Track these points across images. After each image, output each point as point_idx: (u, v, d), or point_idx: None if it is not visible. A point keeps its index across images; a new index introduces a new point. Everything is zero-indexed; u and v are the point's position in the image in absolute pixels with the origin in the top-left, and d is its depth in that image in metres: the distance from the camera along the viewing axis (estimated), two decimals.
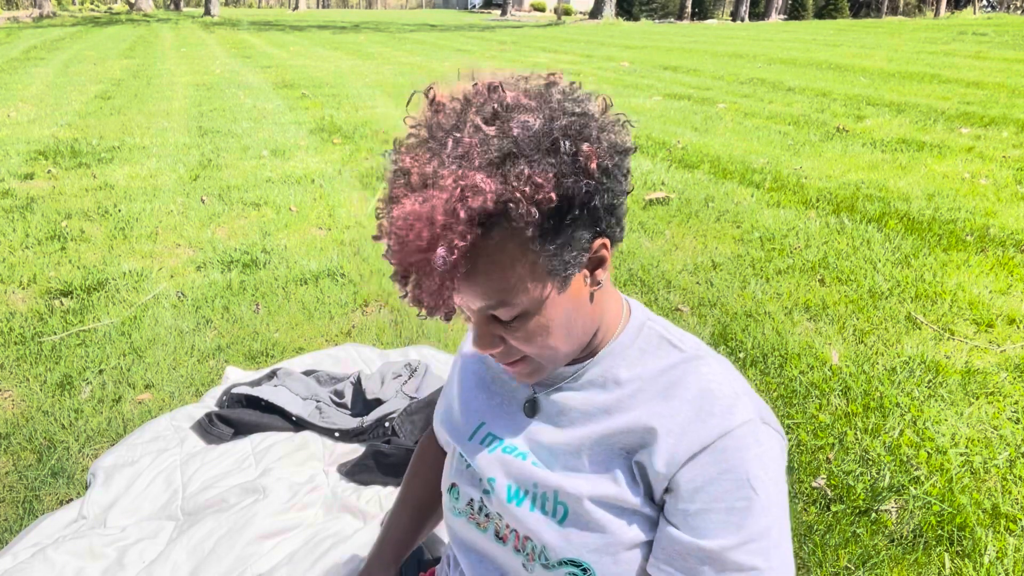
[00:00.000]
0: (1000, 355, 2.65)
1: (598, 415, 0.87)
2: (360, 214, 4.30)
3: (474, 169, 0.69)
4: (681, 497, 0.81)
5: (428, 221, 0.68)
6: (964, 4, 39.31)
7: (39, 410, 2.32)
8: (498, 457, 0.92)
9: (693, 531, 0.80)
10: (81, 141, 6.14)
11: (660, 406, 0.84)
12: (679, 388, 0.84)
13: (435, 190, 0.69)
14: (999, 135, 6.29)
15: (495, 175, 0.69)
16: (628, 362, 0.88)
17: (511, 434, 0.94)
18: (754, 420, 0.81)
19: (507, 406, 0.97)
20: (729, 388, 0.83)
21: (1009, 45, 13.82)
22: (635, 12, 39.10)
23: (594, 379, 0.89)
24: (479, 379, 1.02)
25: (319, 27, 24.16)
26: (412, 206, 0.69)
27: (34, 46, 15.12)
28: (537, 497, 0.88)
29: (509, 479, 0.90)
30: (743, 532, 0.78)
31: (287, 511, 1.80)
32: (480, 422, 0.97)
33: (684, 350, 0.88)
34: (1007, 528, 1.81)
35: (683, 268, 3.46)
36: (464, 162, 0.69)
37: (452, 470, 1.01)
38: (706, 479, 0.80)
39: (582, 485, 0.85)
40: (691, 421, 0.81)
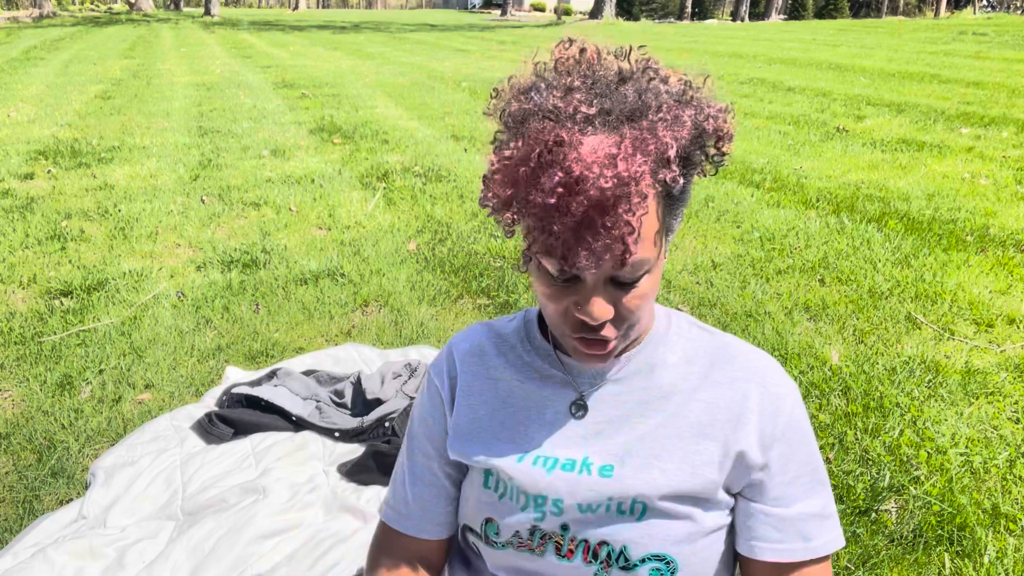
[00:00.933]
0: (1000, 355, 2.65)
1: (656, 402, 0.87)
2: (360, 214, 4.30)
3: (676, 107, 0.71)
4: (775, 471, 0.85)
5: (640, 147, 0.67)
6: (964, 4, 39.31)
7: (39, 410, 2.32)
8: (559, 477, 0.85)
9: (792, 499, 0.86)
10: (81, 141, 6.14)
11: (720, 385, 0.87)
12: (732, 367, 0.88)
13: (635, 124, 0.68)
14: (999, 135, 6.29)
15: (687, 107, 0.71)
16: (669, 346, 0.89)
17: (565, 447, 0.87)
18: (795, 386, 0.90)
19: (543, 420, 0.89)
20: (768, 359, 0.90)
21: (1009, 45, 13.82)
22: (635, 12, 39.10)
23: (640, 367, 0.88)
24: (491, 399, 0.92)
25: (319, 27, 24.16)
26: (611, 138, 0.67)
27: (34, 46, 15.12)
28: (613, 504, 0.84)
29: (578, 498, 0.84)
30: (827, 487, 0.89)
31: (287, 511, 1.80)
32: (523, 450, 0.88)
33: (713, 332, 0.92)
34: (1007, 528, 1.81)
35: (683, 268, 3.46)
36: (659, 97, 0.70)
37: (479, 503, 0.91)
38: (792, 448, 0.86)
39: (660, 482, 0.83)
40: (763, 397, 0.86)
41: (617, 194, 0.65)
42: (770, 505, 0.86)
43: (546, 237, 0.69)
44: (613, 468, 0.84)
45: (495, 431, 0.90)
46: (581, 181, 0.65)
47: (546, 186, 0.66)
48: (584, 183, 0.65)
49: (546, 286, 0.76)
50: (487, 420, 0.91)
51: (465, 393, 0.93)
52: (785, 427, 0.86)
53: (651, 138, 0.67)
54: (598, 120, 0.68)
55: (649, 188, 0.69)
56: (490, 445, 0.89)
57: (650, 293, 0.78)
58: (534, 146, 0.67)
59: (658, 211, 0.73)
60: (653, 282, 0.77)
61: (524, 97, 0.73)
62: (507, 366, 0.93)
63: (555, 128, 0.67)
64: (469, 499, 0.93)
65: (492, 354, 0.94)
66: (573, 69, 0.73)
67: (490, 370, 0.93)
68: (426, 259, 3.59)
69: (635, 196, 0.66)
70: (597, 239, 0.67)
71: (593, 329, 0.77)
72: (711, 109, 0.73)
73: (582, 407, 0.88)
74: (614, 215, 0.66)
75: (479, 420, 0.92)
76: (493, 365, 0.93)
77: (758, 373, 0.87)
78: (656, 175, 0.69)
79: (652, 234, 0.73)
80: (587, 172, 0.64)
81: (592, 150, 0.66)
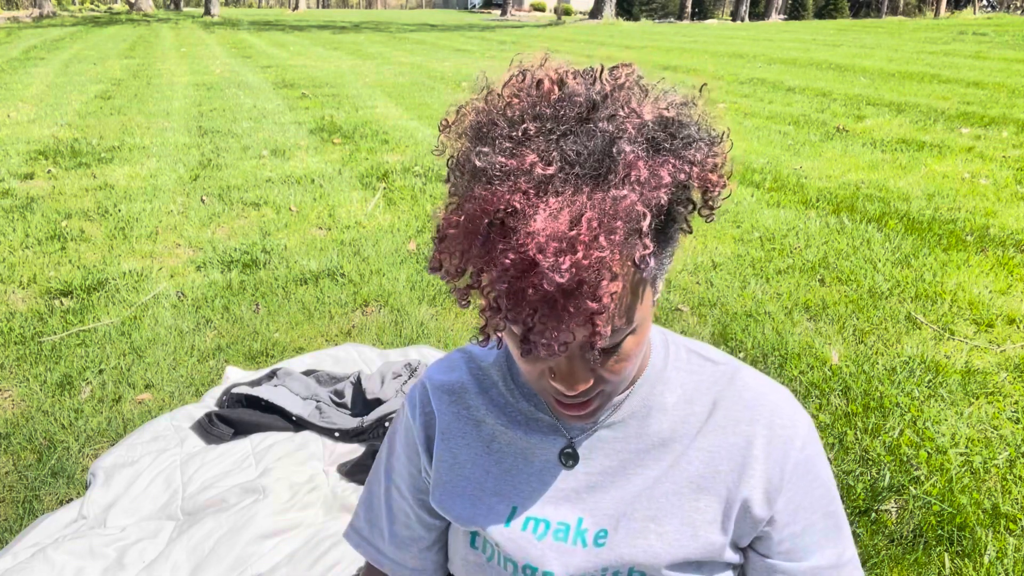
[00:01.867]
0: (1000, 355, 2.65)
1: (654, 451, 0.79)
2: (360, 214, 4.30)
3: (647, 155, 0.57)
4: (782, 524, 0.78)
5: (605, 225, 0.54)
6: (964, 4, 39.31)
7: (39, 410, 2.32)
8: (551, 546, 0.78)
9: (804, 552, 0.79)
10: (81, 141, 6.14)
11: (722, 429, 0.78)
12: (737, 407, 0.79)
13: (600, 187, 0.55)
14: (999, 135, 6.29)
15: (665, 163, 0.58)
16: (667, 384, 0.80)
17: (556, 505, 0.79)
18: (809, 419, 0.82)
19: (531, 469, 0.81)
20: (779, 394, 0.81)
21: (1009, 45, 13.82)
22: (635, 12, 39.11)
23: (636, 410, 0.79)
24: (473, 442, 0.84)
25: (319, 27, 24.16)
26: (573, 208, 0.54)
27: (34, 46, 15.12)
28: (608, 574, 0.77)
29: (571, 569, 0.77)
30: (843, 529, 0.81)
31: (287, 511, 1.80)
32: (511, 506, 0.80)
33: (716, 361, 0.82)
34: (1007, 528, 1.81)
35: (683, 268, 3.46)
36: (632, 146, 0.57)
37: (466, 561, 0.85)
38: (801, 495, 0.78)
39: (658, 551, 0.75)
40: (769, 441, 0.77)
41: (578, 281, 0.55)
42: (781, 559, 0.79)
43: (501, 322, 0.59)
44: (607, 534, 0.77)
45: (480, 482, 0.82)
46: (535, 265, 0.54)
47: (498, 265, 0.56)
48: (538, 270, 0.54)
49: (518, 352, 0.66)
50: (470, 469, 0.83)
51: (445, 437, 0.84)
52: (793, 473, 0.77)
53: (619, 210, 0.55)
54: (558, 179, 0.56)
55: (618, 265, 0.58)
56: (475, 501, 0.82)
57: (635, 353, 0.68)
58: (482, 216, 0.57)
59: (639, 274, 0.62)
60: (638, 340, 0.68)
61: (472, 141, 0.60)
62: (490, 406, 0.84)
63: (505, 195, 0.55)
64: (455, 557, 0.87)
65: (473, 392, 0.85)
66: (527, 112, 0.59)
67: (471, 410, 0.84)
68: (426, 259, 3.58)
69: (602, 279, 0.55)
70: (560, 325, 0.57)
71: (570, 399, 0.69)
72: (697, 154, 0.60)
73: (572, 456, 0.80)
74: (578, 299, 0.56)
75: (461, 468, 0.83)
76: (474, 405, 0.84)
77: (765, 412, 0.79)
78: (625, 251, 0.57)
79: (628, 302, 0.62)
80: (541, 257, 0.53)
81: (547, 227, 0.54)
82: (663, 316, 2.97)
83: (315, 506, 1.85)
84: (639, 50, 15.74)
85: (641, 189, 0.56)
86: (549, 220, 0.54)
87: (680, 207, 0.63)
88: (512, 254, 0.55)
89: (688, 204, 0.63)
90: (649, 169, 0.57)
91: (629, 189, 0.55)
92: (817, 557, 0.79)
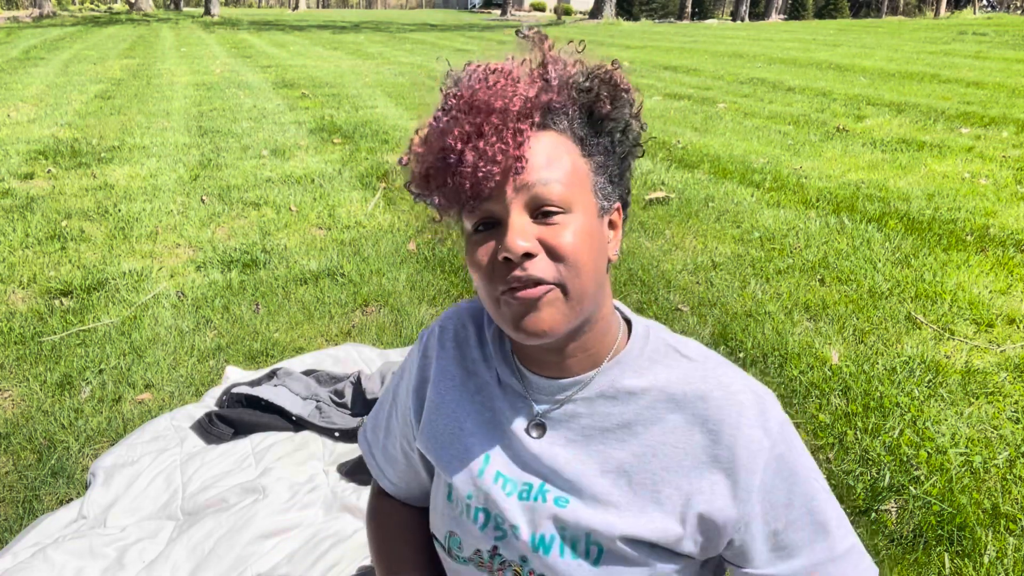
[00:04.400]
0: (1000, 355, 2.65)
1: (618, 432, 0.81)
2: (360, 214, 4.30)
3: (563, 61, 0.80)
4: (758, 526, 0.78)
5: (513, 74, 0.76)
6: (964, 4, 39.30)
7: (39, 410, 2.32)
8: (516, 503, 0.83)
9: (790, 552, 0.78)
10: (81, 141, 6.14)
11: (689, 426, 0.79)
12: (706, 404, 0.80)
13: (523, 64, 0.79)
14: (999, 135, 6.29)
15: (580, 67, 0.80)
16: (638, 372, 0.83)
17: (523, 469, 0.84)
18: (785, 419, 0.81)
19: (505, 427, 0.86)
20: (751, 392, 0.81)
21: (1009, 45, 13.82)
22: (635, 12, 39.09)
23: (604, 390, 0.82)
24: (462, 388, 0.90)
25: (319, 27, 24.16)
26: (499, 69, 0.77)
27: (34, 46, 15.12)
28: (567, 540, 0.80)
29: (533, 527, 0.81)
30: (830, 524, 0.79)
31: (287, 511, 1.80)
32: (486, 455, 0.86)
33: (693, 358, 0.84)
34: (1007, 528, 1.81)
35: (683, 268, 3.46)
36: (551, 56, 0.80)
37: (444, 515, 0.89)
38: (777, 495, 0.78)
39: (616, 523, 0.78)
40: (735, 440, 0.78)
41: (501, 89, 0.74)
42: (765, 567, 0.79)
43: (443, 157, 0.74)
44: (569, 501, 0.81)
45: (460, 423, 0.89)
46: (472, 86, 0.76)
47: (445, 109, 0.77)
48: (479, 86, 0.75)
49: (473, 248, 0.77)
50: (453, 408, 0.90)
51: (437, 380, 0.92)
52: (763, 474, 0.77)
53: (536, 72, 0.78)
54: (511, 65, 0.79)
55: (547, 98, 0.76)
56: (453, 440, 0.89)
57: (575, 236, 0.75)
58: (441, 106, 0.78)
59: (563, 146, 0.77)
60: (580, 227, 0.75)
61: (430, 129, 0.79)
62: (483, 361, 0.91)
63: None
64: (435, 514, 0.92)
65: (473, 344, 0.92)
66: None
67: (467, 361, 0.92)
68: (426, 259, 3.59)
69: (515, 94, 0.74)
70: (490, 143, 0.72)
71: (518, 270, 0.73)
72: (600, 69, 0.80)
73: (540, 427, 0.84)
74: (501, 116, 0.73)
75: (445, 407, 0.90)
76: (473, 357, 0.91)
77: (733, 413, 0.79)
78: (540, 96, 0.76)
79: (555, 158, 0.75)
80: (478, 80, 0.76)
81: (492, 68, 0.77)
82: (663, 316, 2.97)
83: (315, 506, 1.85)
84: (639, 50, 15.74)
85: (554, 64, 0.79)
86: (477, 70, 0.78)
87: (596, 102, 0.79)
88: (451, 98, 0.77)
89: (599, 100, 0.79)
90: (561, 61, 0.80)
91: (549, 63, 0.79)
92: (805, 556, 0.79)
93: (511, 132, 0.73)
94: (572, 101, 0.78)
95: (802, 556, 0.79)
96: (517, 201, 0.74)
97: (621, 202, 0.84)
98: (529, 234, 0.74)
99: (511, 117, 0.73)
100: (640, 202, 4.48)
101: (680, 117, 7.51)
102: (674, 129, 6.86)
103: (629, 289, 3.24)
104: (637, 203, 4.46)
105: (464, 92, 0.75)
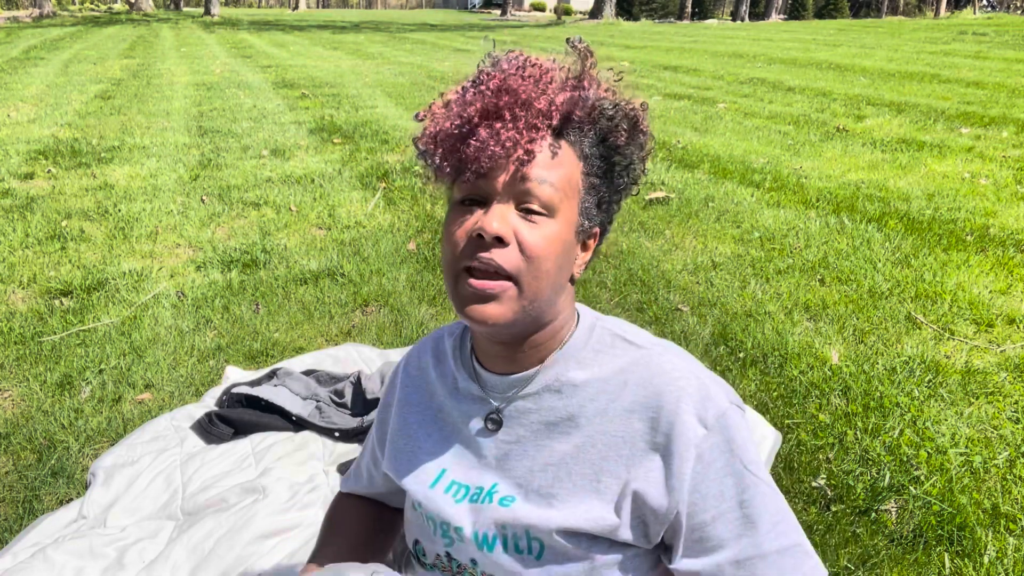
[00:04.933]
0: (1000, 355, 2.65)
1: (562, 425, 0.83)
2: (360, 214, 4.30)
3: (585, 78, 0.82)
4: (689, 514, 0.78)
5: (549, 74, 0.79)
6: (964, 4, 39.29)
7: (39, 410, 2.32)
8: (465, 507, 0.86)
9: (716, 545, 0.78)
10: (81, 141, 6.14)
11: (629, 413, 0.81)
12: (645, 389, 0.81)
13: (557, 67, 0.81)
14: (999, 135, 6.29)
15: (611, 95, 0.83)
16: (582, 364, 0.85)
17: (477, 474, 0.88)
18: (727, 410, 0.80)
19: (462, 436, 0.90)
20: (695, 379, 0.81)
21: (1009, 45, 13.82)
22: (635, 12, 39.09)
23: (549, 383, 0.85)
24: (424, 411, 0.95)
25: (319, 27, 24.16)
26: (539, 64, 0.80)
27: (34, 46, 15.12)
28: (508, 538, 0.83)
29: (477, 526, 0.85)
30: (760, 520, 0.78)
31: (287, 511, 1.80)
32: (441, 469, 0.90)
33: (640, 345, 0.85)
34: (1007, 528, 1.81)
35: (683, 268, 3.46)
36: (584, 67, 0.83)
37: (412, 524, 0.95)
38: (710, 485, 0.78)
39: (553, 517, 0.80)
40: (672, 427, 0.78)
41: (533, 82, 0.77)
42: (689, 556, 0.79)
43: (460, 125, 0.78)
44: (515, 500, 0.83)
45: (420, 443, 0.93)
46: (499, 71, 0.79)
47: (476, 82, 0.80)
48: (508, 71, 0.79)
49: (454, 218, 0.79)
50: (415, 430, 0.95)
51: (401, 405, 0.98)
52: (698, 461, 0.78)
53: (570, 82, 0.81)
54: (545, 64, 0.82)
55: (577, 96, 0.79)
56: (411, 459, 0.93)
57: (548, 240, 0.77)
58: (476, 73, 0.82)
59: (569, 159, 0.79)
60: (556, 233, 0.78)
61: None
62: (440, 380, 0.94)
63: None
64: (407, 519, 0.97)
65: (432, 368, 0.96)
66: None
67: (429, 384, 0.96)
68: (426, 259, 3.59)
69: (528, 97, 0.76)
70: (506, 127, 0.75)
71: (486, 251, 0.76)
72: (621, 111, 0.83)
73: (496, 422, 0.87)
74: (524, 107, 0.76)
75: (408, 429, 0.95)
76: (431, 380, 0.96)
77: (671, 399, 0.79)
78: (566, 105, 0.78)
79: (557, 164, 0.78)
80: (512, 66, 0.79)
81: (527, 59, 0.81)
82: (662, 316, 2.97)
83: (315, 506, 1.85)
84: (639, 50, 15.73)
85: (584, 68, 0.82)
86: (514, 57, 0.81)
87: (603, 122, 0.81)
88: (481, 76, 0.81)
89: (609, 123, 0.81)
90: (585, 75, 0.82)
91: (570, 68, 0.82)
92: (729, 550, 0.78)
93: (528, 125, 0.76)
94: (592, 122, 0.81)
95: (726, 550, 0.78)
96: (509, 188, 0.77)
97: (601, 228, 0.87)
98: (508, 222, 0.76)
99: (533, 112, 0.76)
100: (640, 202, 4.48)
101: (680, 117, 7.51)
102: (674, 129, 6.86)
103: (629, 289, 3.24)
104: (637, 203, 4.46)
105: (498, 73, 0.78)
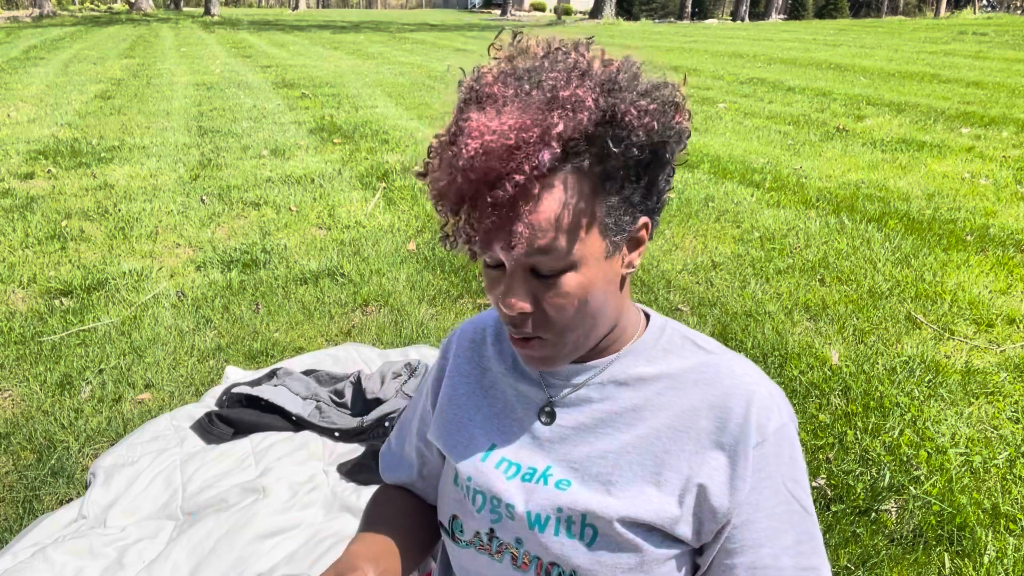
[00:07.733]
0: (1000, 355, 2.65)
1: (627, 416, 0.82)
2: (360, 214, 4.30)
3: (581, 88, 0.67)
4: (742, 518, 0.78)
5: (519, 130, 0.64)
6: (964, 4, 39.29)
7: (39, 410, 2.32)
8: (517, 485, 0.84)
9: (739, 545, 0.79)
10: (81, 141, 6.13)
11: (696, 411, 0.80)
12: (713, 389, 0.81)
13: (529, 103, 0.66)
14: (999, 135, 6.29)
15: (601, 94, 0.67)
16: (651, 360, 0.84)
17: (528, 454, 0.86)
18: (784, 424, 0.80)
19: (515, 415, 0.88)
20: (765, 388, 0.81)
21: (1009, 45, 13.82)
22: (635, 12, 39.09)
23: (616, 376, 0.84)
24: (474, 384, 0.93)
25: (319, 27, 24.15)
26: (502, 118, 0.65)
27: (34, 46, 15.11)
28: (562, 521, 0.81)
29: (531, 506, 0.82)
30: (789, 535, 0.79)
31: (287, 511, 1.80)
32: (491, 443, 0.88)
33: (710, 351, 0.85)
34: (1007, 528, 1.81)
35: (683, 268, 3.46)
36: (569, 78, 0.67)
37: (449, 499, 0.92)
38: (756, 491, 0.78)
39: (612, 505, 0.79)
40: (741, 429, 0.78)
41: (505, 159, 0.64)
42: (738, 557, 0.79)
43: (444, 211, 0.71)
44: (571, 484, 0.82)
45: (470, 416, 0.91)
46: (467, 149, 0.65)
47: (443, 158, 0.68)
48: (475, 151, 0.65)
49: (486, 277, 0.76)
50: (464, 402, 0.92)
51: (451, 376, 0.95)
52: (756, 467, 0.78)
53: (537, 116, 0.65)
54: (505, 98, 0.67)
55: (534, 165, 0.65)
56: (461, 430, 0.91)
57: (577, 294, 0.72)
58: (452, 125, 0.69)
59: (573, 199, 0.68)
60: (582, 283, 0.72)
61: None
62: (498, 356, 0.92)
63: (467, 111, 0.68)
64: (443, 495, 0.94)
65: (490, 341, 0.94)
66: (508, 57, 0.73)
67: (483, 359, 0.94)
68: (426, 259, 3.59)
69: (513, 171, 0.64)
70: (484, 216, 0.67)
71: (515, 324, 0.75)
72: (637, 98, 0.68)
73: (550, 414, 0.86)
74: (500, 187, 0.65)
75: (457, 401, 0.93)
76: (487, 355, 0.93)
77: (742, 402, 0.79)
78: (539, 153, 0.65)
79: (557, 220, 0.68)
80: (462, 139, 0.66)
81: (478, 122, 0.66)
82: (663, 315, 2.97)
83: (315, 506, 1.85)
84: (639, 50, 15.72)
85: (562, 104, 0.66)
86: (482, 118, 0.66)
87: (610, 142, 0.68)
88: (452, 146, 0.67)
89: (619, 145, 0.68)
90: (571, 91, 0.66)
91: (550, 98, 0.66)
92: (746, 556, 0.78)
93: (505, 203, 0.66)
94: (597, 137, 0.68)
95: (745, 555, 0.78)
96: (522, 264, 0.72)
97: (649, 215, 0.77)
98: (525, 292, 0.73)
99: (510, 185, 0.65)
100: None
101: None
102: None
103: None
104: None
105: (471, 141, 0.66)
